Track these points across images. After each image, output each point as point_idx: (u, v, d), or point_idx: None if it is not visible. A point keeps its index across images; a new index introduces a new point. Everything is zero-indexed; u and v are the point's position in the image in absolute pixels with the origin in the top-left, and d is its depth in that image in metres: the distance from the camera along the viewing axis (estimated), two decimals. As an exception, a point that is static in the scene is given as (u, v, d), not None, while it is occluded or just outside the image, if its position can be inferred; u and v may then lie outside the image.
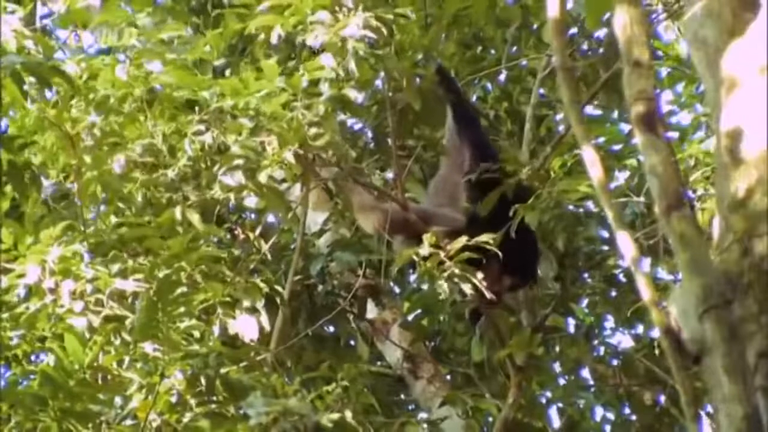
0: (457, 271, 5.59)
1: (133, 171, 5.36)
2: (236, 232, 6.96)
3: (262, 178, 5.26)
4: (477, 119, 6.57)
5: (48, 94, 5.42)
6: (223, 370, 4.93)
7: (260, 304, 5.42)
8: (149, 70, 5.44)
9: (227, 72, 6.36)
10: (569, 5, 6.69)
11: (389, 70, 5.60)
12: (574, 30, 6.95)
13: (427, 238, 5.66)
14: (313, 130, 5.30)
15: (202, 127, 5.29)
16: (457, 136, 6.47)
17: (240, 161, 5.23)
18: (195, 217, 5.29)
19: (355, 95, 5.38)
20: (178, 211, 5.26)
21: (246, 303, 5.39)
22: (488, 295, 5.74)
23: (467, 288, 5.67)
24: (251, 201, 5.80)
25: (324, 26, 5.32)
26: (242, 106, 5.30)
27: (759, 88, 2.92)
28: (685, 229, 2.83)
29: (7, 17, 5.25)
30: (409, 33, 5.71)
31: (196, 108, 5.36)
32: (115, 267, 5.03)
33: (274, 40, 5.45)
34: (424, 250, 5.62)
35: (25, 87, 5.16)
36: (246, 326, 5.35)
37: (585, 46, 7.15)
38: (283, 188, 6.29)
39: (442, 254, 5.60)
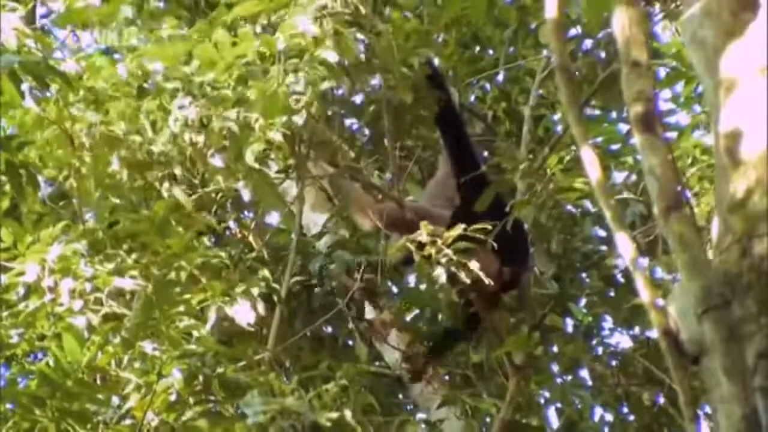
0: (454, 257, 5.59)
1: (118, 150, 5.33)
2: (233, 231, 6.97)
3: (248, 157, 5.22)
4: (460, 124, 6.49)
5: (47, 92, 5.42)
6: (220, 369, 4.93)
7: (256, 291, 5.41)
8: (143, 65, 5.43)
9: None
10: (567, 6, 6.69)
11: (379, 61, 5.56)
12: (574, 31, 6.95)
13: (424, 225, 5.66)
14: (299, 103, 5.26)
15: (185, 102, 5.25)
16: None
17: (226, 142, 5.20)
18: (178, 191, 5.26)
19: (333, 57, 5.31)
20: (164, 191, 5.24)
21: (241, 289, 5.37)
22: (487, 280, 5.74)
23: (464, 276, 5.67)
24: (245, 191, 5.76)
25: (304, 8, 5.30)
26: (223, 78, 5.26)
27: (758, 88, 2.92)
28: (684, 230, 2.83)
29: (8, 15, 5.25)
30: (401, 29, 5.70)
31: (180, 84, 5.31)
32: (112, 265, 5.03)
33: (258, 29, 5.44)
34: (422, 237, 5.62)
35: (24, 86, 5.16)
36: (242, 312, 5.32)
37: (585, 46, 7.15)
38: (280, 186, 6.30)
39: (439, 242, 5.61)
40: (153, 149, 5.26)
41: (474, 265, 5.68)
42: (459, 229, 5.63)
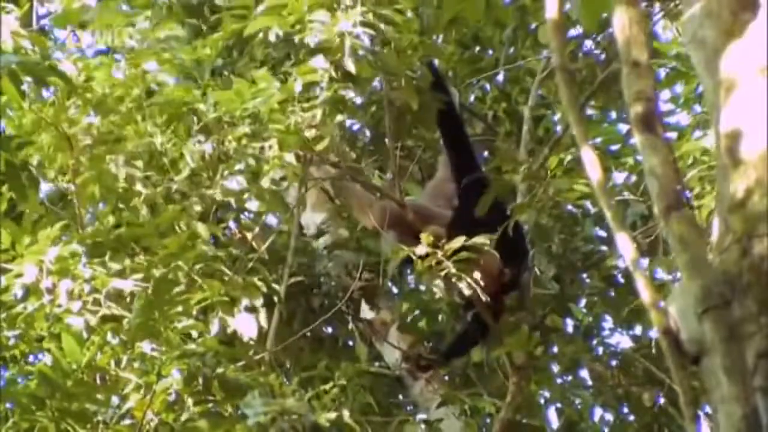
0: (453, 270, 5.61)
1: (136, 185, 5.35)
2: (233, 231, 6.96)
3: (265, 182, 5.26)
4: (460, 127, 6.51)
5: (45, 93, 5.42)
6: (220, 369, 4.92)
7: (259, 303, 5.42)
8: (146, 70, 5.43)
9: (225, 73, 6.34)
10: (567, 6, 6.69)
11: (388, 68, 5.58)
12: (574, 32, 6.96)
13: (424, 237, 5.67)
14: (312, 133, 5.30)
15: (201, 137, 5.28)
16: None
17: (242, 166, 5.23)
18: (201, 227, 5.29)
19: (351, 95, 5.36)
20: (182, 223, 5.26)
21: (245, 302, 5.38)
22: (484, 297, 5.76)
23: (464, 286, 5.69)
24: (252, 204, 5.79)
25: (322, 25, 5.31)
26: (239, 113, 5.29)
27: (758, 88, 2.92)
28: (684, 230, 2.83)
29: (4, 17, 5.25)
30: (406, 32, 5.71)
31: (194, 118, 5.35)
32: (114, 267, 5.03)
33: (272, 38, 5.44)
34: (422, 249, 5.64)
35: (23, 87, 5.16)
36: (245, 325, 5.33)
37: (586, 47, 7.16)
38: (282, 188, 6.30)
39: (439, 254, 5.63)
40: (171, 186, 5.29)
41: (476, 275, 5.70)
42: (459, 241, 5.64)
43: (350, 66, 5.29)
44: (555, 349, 7.00)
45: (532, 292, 6.63)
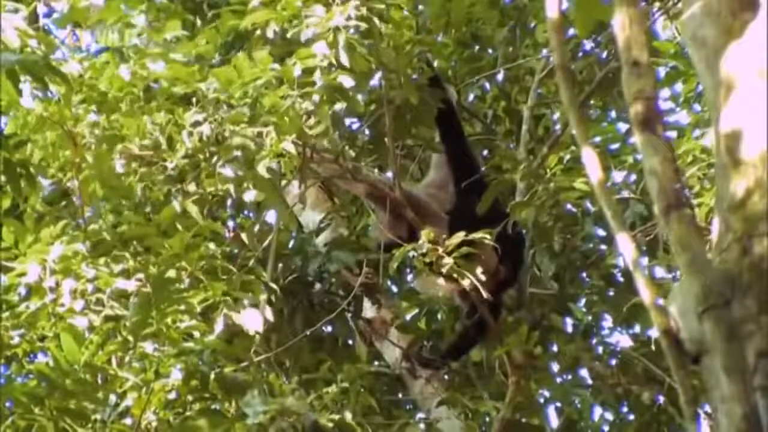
0: (455, 266, 5.62)
1: (132, 164, 5.34)
2: (230, 230, 6.97)
3: (261, 169, 5.25)
4: (459, 127, 6.52)
5: (50, 92, 5.43)
6: (219, 368, 4.92)
7: (263, 297, 5.42)
8: (148, 68, 5.43)
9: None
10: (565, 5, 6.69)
11: (384, 63, 5.58)
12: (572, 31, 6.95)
13: (425, 234, 5.68)
14: (310, 120, 5.30)
15: (199, 118, 5.27)
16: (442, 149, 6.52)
17: (238, 153, 5.22)
18: (194, 210, 5.27)
19: (349, 83, 5.35)
20: (177, 204, 5.25)
21: (247, 300, 5.38)
22: (485, 294, 5.77)
23: (465, 283, 5.69)
24: (249, 195, 5.79)
25: (317, 19, 5.33)
26: (239, 96, 5.29)
27: (758, 89, 2.92)
28: (684, 230, 2.83)
29: (10, 16, 5.24)
30: (402, 28, 5.71)
31: (194, 99, 5.35)
32: (116, 266, 5.03)
33: (269, 34, 5.45)
34: (424, 245, 5.64)
35: (23, 85, 5.16)
36: (250, 319, 5.32)
37: (585, 48, 7.16)
38: (278, 179, 6.30)
39: (440, 250, 5.64)
40: (167, 165, 5.28)
41: (477, 271, 5.70)
42: (460, 237, 5.65)
43: (344, 59, 5.29)
44: (555, 349, 7.00)
45: (530, 291, 6.64)
